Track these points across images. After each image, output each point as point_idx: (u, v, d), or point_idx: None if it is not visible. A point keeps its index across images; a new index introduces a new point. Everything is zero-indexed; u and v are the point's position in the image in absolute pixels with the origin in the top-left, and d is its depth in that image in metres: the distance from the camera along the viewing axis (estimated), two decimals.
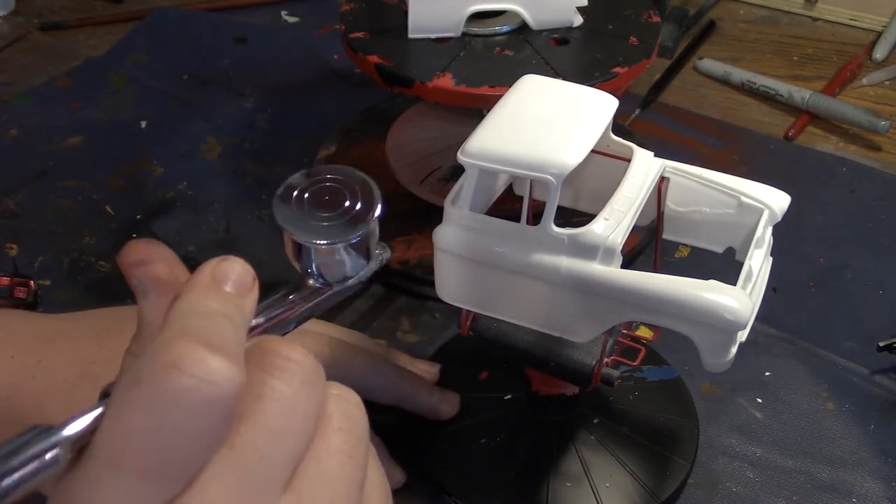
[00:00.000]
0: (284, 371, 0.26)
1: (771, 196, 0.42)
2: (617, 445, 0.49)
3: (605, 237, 0.38)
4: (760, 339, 0.57)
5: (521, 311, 0.41)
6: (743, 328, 0.37)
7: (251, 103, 0.78)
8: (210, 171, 0.71)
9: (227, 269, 0.28)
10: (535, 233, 0.38)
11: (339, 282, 0.34)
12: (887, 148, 0.74)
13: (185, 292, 0.26)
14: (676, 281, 0.37)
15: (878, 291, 0.61)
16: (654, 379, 0.53)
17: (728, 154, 0.72)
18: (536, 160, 0.37)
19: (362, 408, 0.29)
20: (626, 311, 0.38)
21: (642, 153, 0.42)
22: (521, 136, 0.38)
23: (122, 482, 0.23)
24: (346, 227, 0.32)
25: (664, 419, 0.51)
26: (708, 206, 0.42)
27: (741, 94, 0.81)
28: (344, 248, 0.33)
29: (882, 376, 0.55)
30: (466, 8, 0.57)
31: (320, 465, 0.27)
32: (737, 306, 0.36)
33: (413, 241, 0.61)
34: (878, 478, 0.50)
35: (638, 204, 0.39)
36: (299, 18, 0.90)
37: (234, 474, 0.25)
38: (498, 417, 0.51)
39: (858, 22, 0.89)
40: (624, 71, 0.55)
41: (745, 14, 0.92)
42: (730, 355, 0.38)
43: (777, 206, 0.41)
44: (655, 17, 0.61)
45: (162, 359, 0.23)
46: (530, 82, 0.42)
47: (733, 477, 0.50)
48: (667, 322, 0.38)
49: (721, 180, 0.42)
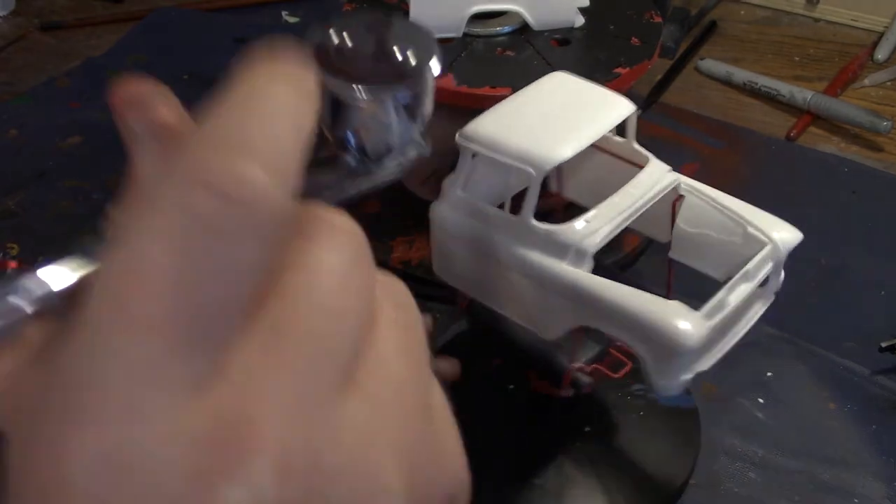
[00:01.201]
0: (333, 240, 0.21)
1: (779, 230, 0.39)
2: (616, 446, 0.49)
3: (580, 238, 0.38)
4: (762, 339, 0.57)
5: (501, 299, 0.41)
6: (690, 353, 0.35)
7: None
8: None
9: (288, 56, 0.21)
10: (515, 222, 0.38)
11: (378, 158, 0.28)
12: (889, 148, 0.74)
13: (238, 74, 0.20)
14: (637, 295, 0.36)
15: (879, 292, 0.61)
16: (667, 403, 0.51)
17: (730, 154, 0.72)
18: (522, 151, 0.37)
19: (413, 299, 0.23)
20: (585, 315, 0.38)
21: (656, 165, 0.41)
22: (518, 126, 0.38)
23: (138, 349, 0.17)
24: (396, 80, 0.26)
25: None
26: (715, 231, 0.41)
27: (743, 94, 0.81)
28: (393, 104, 0.27)
29: (883, 377, 0.55)
30: (468, 9, 0.57)
31: (381, 359, 0.21)
32: (689, 330, 0.34)
33: (414, 241, 0.61)
34: (879, 478, 0.50)
35: (629, 212, 0.39)
36: (299, 18, 0.90)
37: (288, 364, 0.18)
38: (496, 415, 0.51)
39: (860, 22, 0.88)
40: (626, 71, 0.55)
41: (746, 14, 0.92)
42: (679, 379, 0.36)
43: (782, 242, 0.39)
44: (657, 17, 0.61)
45: (191, 170, 0.17)
46: (554, 78, 0.42)
47: (735, 477, 0.50)
48: (620, 334, 0.37)
49: (733, 206, 0.40)
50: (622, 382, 0.50)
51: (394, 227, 0.62)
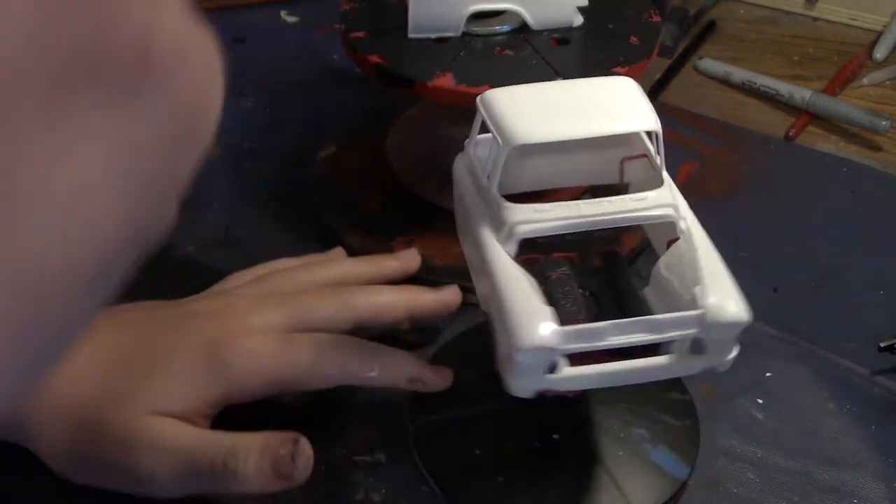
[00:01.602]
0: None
1: (722, 300, 0.37)
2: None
3: (515, 220, 0.39)
4: (761, 339, 0.57)
5: (470, 267, 0.43)
6: (525, 357, 0.36)
7: (251, 103, 0.78)
8: (210, 171, 0.71)
9: None
10: (484, 190, 0.40)
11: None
12: (888, 148, 0.74)
13: None
14: (519, 290, 0.37)
15: (879, 292, 0.61)
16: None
17: (728, 154, 0.72)
18: (506, 124, 0.39)
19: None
20: (486, 293, 0.40)
21: (657, 196, 0.40)
22: (527, 104, 0.40)
23: None
24: None
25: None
26: (677, 283, 0.40)
27: (741, 93, 0.81)
28: None
29: (883, 377, 0.55)
30: (467, 8, 0.57)
31: None
32: (529, 334, 0.36)
33: (413, 241, 0.60)
34: (879, 479, 0.50)
35: (587, 221, 0.39)
36: (299, 18, 0.90)
37: None
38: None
39: (859, 22, 0.88)
40: (624, 71, 0.55)
41: (745, 14, 0.92)
42: (518, 382, 0.38)
43: (716, 313, 0.37)
44: (656, 16, 0.61)
45: None
46: (616, 80, 0.42)
47: (734, 478, 0.50)
48: (494, 320, 0.38)
49: (707, 264, 0.38)
50: None
51: (394, 227, 0.62)
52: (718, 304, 0.37)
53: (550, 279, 0.43)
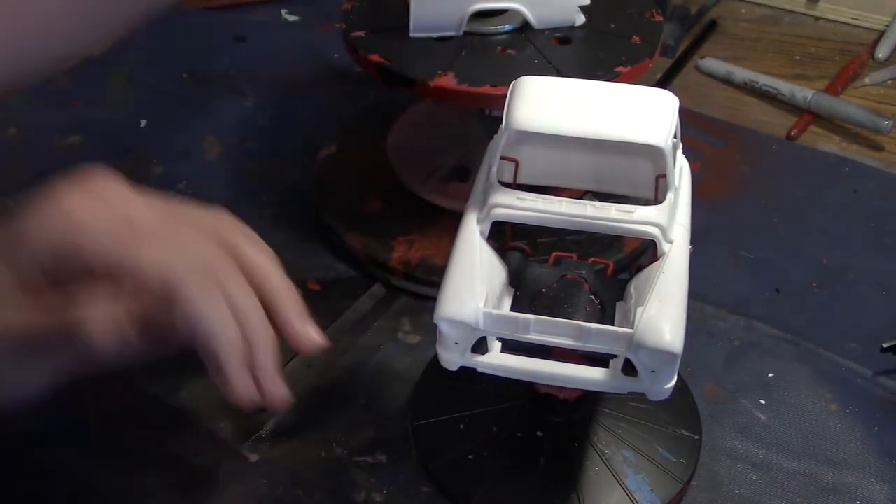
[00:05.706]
0: None
1: (653, 331, 0.37)
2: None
3: (493, 203, 0.40)
4: (763, 340, 0.57)
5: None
6: (443, 327, 0.38)
7: (251, 102, 0.78)
8: (210, 171, 0.71)
9: None
10: (489, 174, 0.41)
11: None
12: (890, 148, 0.74)
13: None
14: (457, 267, 0.39)
15: (881, 292, 0.60)
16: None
17: (730, 154, 0.72)
18: (515, 109, 0.40)
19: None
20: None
21: (650, 211, 0.39)
22: (551, 96, 0.40)
23: None
24: None
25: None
26: (633, 305, 0.39)
27: (743, 93, 0.80)
28: None
29: (886, 378, 0.55)
30: (468, 7, 0.57)
31: None
32: (448, 306, 0.38)
33: (414, 241, 0.60)
34: (882, 480, 0.49)
35: (564, 221, 0.40)
36: (299, 17, 0.90)
37: None
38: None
39: (861, 21, 0.88)
40: (626, 70, 0.55)
41: (746, 13, 0.91)
42: (445, 355, 0.40)
43: (643, 339, 0.37)
44: (658, 16, 0.61)
45: None
46: (657, 92, 0.42)
47: (736, 479, 0.50)
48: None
49: (662, 292, 0.38)
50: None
51: (394, 227, 0.61)
52: (651, 329, 0.37)
53: (564, 278, 0.43)
